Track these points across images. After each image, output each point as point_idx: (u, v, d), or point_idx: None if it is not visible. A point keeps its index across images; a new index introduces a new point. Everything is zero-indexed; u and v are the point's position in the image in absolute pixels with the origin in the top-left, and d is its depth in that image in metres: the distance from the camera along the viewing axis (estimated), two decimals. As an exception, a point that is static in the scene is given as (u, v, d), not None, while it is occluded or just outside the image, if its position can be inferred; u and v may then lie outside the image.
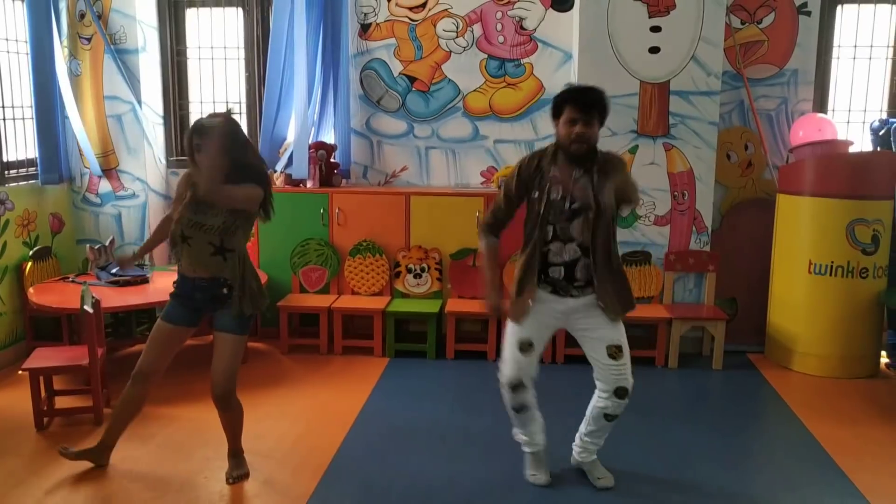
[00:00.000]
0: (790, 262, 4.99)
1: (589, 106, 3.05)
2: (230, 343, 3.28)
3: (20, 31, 5.15)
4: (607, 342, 3.22)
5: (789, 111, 5.29)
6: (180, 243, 3.25)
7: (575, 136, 3.04)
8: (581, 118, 3.04)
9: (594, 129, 3.07)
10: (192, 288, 3.29)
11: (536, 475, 3.45)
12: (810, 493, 3.41)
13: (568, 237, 3.14)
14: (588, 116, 3.04)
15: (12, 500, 3.27)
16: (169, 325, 3.36)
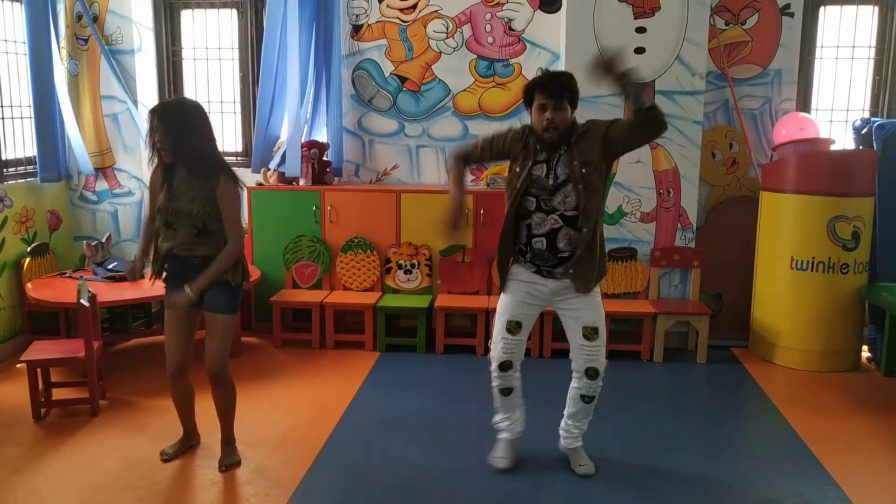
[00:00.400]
0: (773, 259, 5.09)
1: (558, 91, 3.12)
2: (220, 322, 3.39)
3: (18, 33, 5.25)
4: (584, 322, 3.32)
5: (773, 110, 5.40)
6: (164, 231, 3.36)
7: (546, 123, 3.12)
8: (550, 104, 3.11)
9: (565, 113, 3.14)
10: (184, 267, 3.38)
11: (503, 458, 3.56)
12: (784, 480, 3.51)
13: (550, 208, 3.22)
14: (557, 101, 3.11)
15: (10, 487, 3.37)
16: (174, 313, 3.46)
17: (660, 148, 5.19)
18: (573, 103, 3.19)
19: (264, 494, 3.33)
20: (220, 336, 3.40)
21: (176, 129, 3.22)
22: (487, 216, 5.29)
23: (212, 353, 3.41)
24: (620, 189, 5.26)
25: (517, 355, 3.42)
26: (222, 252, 3.33)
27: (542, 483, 3.46)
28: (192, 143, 3.26)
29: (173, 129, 3.21)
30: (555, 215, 3.22)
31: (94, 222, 5.74)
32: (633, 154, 5.20)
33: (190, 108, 3.31)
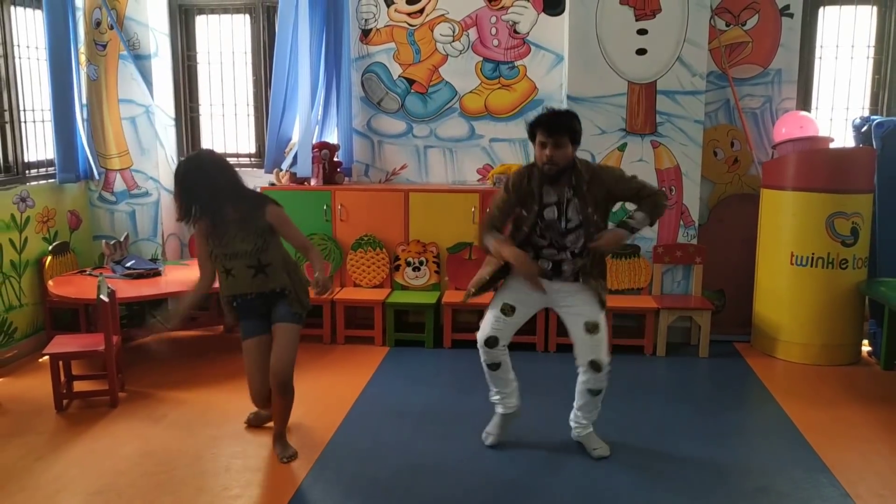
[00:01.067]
0: (774, 255, 5.19)
1: (556, 130, 3.29)
2: (287, 332, 3.56)
3: (39, 39, 5.44)
4: (586, 318, 3.50)
5: (773, 109, 5.50)
6: (224, 279, 3.55)
7: (546, 159, 3.32)
8: (550, 142, 3.29)
9: (565, 150, 3.31)
10: (251, 301, 3.59)
11: (490, 434, 3.78)
12: (779, 467, 3.62)
13: (562, 246, 3.48)
14: (557, 139, 3.29)
15: (34, 473, 3.53)
16: (252, 340, 3.64)
17: (662, 147, 5.30)
18: (574, 140, 3.35)
19: (276, 480, 3.48)
20: (287, 344, 3.55)
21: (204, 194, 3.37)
22: (493, 214, 5.42)
23: (281, 362, 3.54)
24: (623, 187, 5.37)
25: (505, 334, 3.60)
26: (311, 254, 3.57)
27: (544, 470, 3.59)
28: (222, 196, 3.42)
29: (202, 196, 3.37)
30: (567, 252, 3.48)
31: (112, 222, 5.92)
32: (636, 153, 5.33)
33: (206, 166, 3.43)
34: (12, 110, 5.19)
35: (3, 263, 5.01)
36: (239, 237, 3.47)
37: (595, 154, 5.33)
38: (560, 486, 3.44)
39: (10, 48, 5.15)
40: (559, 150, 3.30)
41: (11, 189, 5.11)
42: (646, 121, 5.28)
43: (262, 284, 3.54)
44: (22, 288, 5.20)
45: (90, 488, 3.40)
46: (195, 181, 3.37)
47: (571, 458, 3.71)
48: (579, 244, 3.44)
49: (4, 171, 5.19)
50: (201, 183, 3.37)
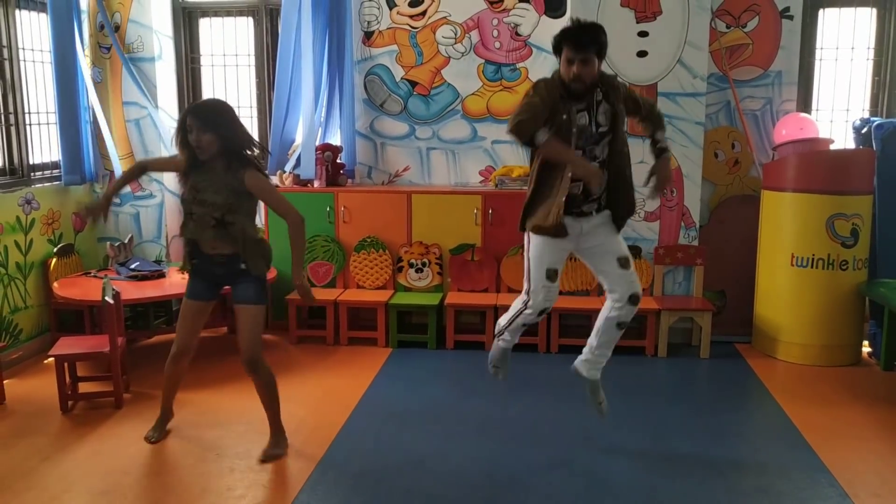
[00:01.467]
0: (774, 256, 5.21)
1: (585, 45, 3.23)
2: (249, 314, 3.58)
3: (44, 42, 5.48)
4: (617, 254, 3.55)
5: (774, 111, 5.52)
6: (186, 223, 3.57)
7: (573, 76, 3.25)
8: (577, 57, 3.22)
9: (591, 67, 3.25)
10: (211, 264, 3.59)
11: (500, 369, 3.92)
12: (778, 467, 3.65)
13: (592, 156, 3.42)
14: (585, 55, 3.22)
15: (41, 473, 3.57)
16: (191, 302, 3.71)
17: (663, 148, 5.32)
18: (601, 55, 3.30)
19: (280, 480, 3.52)
20: (250, 326, 3.59)
21: (212, 126, 3.38)
22: (496, 216, 5.45)
23: (245, 342, 3.59)
24: (625, 189, 5.40)
25: (553, 300, 3.65)
26: (291, 233, 3.53)
27: (546, 469, 3.62)
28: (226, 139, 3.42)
29: (209, 127, 3.37)
30: (596, 162, 3.42)
31: (116, 224, 5.96)
32: (637, 154, 5.31)
33: (221, 108, 3.49)
34: (17, 113, 5.23)
35: (8, 265, 5.05)
36: (213, 188, 3.46)
37: (596, 156, 5.36)
38: (561, 485, 3.47)
39: (15, 51, 5.19)
40: (586, 68, 3.24)
41: (17, 191, 5.15)
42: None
43: (217, 239, 3.50)
44: (27, 290, 5.24)
45: (96, 488, 3.44)
46: (206, 115, 3.39)
47: (573, 457, 3.74)
48: (605, 153, 3.41)
49: (10, 174, 5.22)
50: (222, 120, 3.41)
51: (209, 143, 3.38)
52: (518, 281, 5.50)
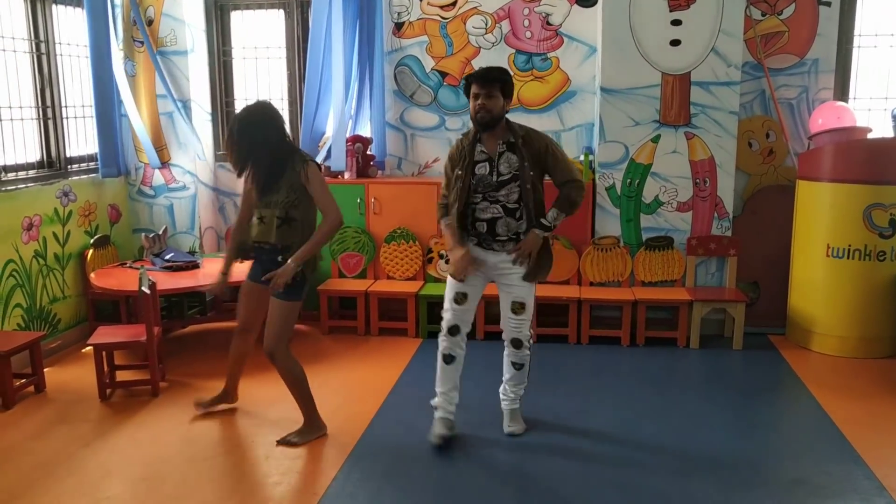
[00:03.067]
0: (809, 246, 5.15)
1: (488, 81, 3.57)
2: (276, 307, 3.69)
3: (80, 37, 5.56)
4: (513, 298, 3.76)
5: (810, 100, 5.44)
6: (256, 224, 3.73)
7: (478, 107, 3.57)
8: (483, 92, 3.56)
9: (496, 101, 3.57)
10: (259, 251, 3.77)
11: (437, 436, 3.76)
12: (813, 460, 3.62)
13: (495, 199, 3.66)
14: (488, 90, 3.55)
15: (82, 459, 3.65)
16: (248, 282, 3.89)
17: (696, 138, 5.28)
18: (504, 92, 3.60)
19: (314, 467, 3.56)
20: (275, 319, 3.69)
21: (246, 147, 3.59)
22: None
23: (267, 334, 3.70)
24: (657, 179, 5.36)
25: (464, 321, 3.82)
26: (321, 226, 3.64)
27: (579, 461, 3.62)
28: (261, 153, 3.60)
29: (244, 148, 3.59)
30: (498, 206, 3.66)
31: (150, 215, 6.04)
32: (669, 144, 5.32)
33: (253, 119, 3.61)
34: (55, 107, 5.32)
35: (47, 256, 5.14)
36: (275, 188, 3.63)
37: (629, 145, 5.33)
38: (595, 477, 3.47)
39: (53, 46, 5.27)
40: (491, 100, 3.56)
41: (55, 184, 5.24)
42: (680, 112, 5.26)
43: (285, 236, 3.65)
44: (65, 280, 5.33)
45: (135, 475, 3.50)
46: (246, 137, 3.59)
47: (607, 448, 3.74)
48: (513, 198, 3.64)
49: (48, 167, 5.31)
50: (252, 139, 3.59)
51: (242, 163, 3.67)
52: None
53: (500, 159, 3.64)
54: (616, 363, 4.98)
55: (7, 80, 4.94)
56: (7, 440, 3.87)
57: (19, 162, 5.07)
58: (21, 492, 3.35)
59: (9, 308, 4.80)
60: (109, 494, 3.33)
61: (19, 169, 5.05)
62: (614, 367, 4.92)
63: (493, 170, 3.64)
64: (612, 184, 5.40)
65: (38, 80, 5.21)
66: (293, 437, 3.80)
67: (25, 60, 5.13)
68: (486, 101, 3.57)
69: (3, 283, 4.74)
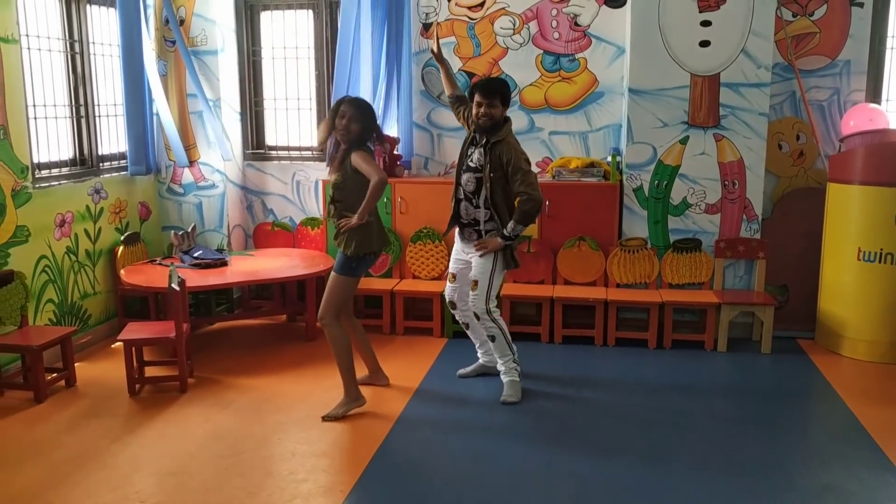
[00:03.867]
0: (840, 250, 5.09)
1: (491, 92, 4.16)
2: (330, 279, 4.14)
3: (113, 36, 5.63)
4: (472, 277, 4.36)
5: (841, 101, 5.37)
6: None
7: (481, 114, 4.16)
8: (485, 101, 4.15)
9: (496, 109, 4.18)
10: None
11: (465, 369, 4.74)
12: (844, 466, 3.57)
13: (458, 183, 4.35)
14: (490, 100, 4.14)
15: (111, 453, 3.70)
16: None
17: (725, 140, 5.24)
18: (504, 102, 4.21)
19: (341, 465, 3.58)
20: (328, 289, 4.13)
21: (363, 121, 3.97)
22: (552, 207, 5.43)
23: (322, 301, 4.13)
24: (685, 181, 5.33)
25: (458, 296, 4.53)
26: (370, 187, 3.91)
27: (601, 462, 3.61)
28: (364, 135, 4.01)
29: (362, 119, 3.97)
30: (460, 190, 4.34)
31: (180, 213, 6.10)
32: (698, 146, 5.28)
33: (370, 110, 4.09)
34: (88, 105, 5.39)
35: (78, 253, 5.22)
36: (334, 168, 4.07)
37: (657, 146, 5.30)
38: (619, 478, 3.45)
39: (86, 45, 5.35)
40: (492, 109, 4.16)
41: (86, 181, 5.32)
42: (709, 113, 5.23)
43: (335, 214, 4.07)
44: (96, 276, 5.41)
45: (164, 469, 3.54)
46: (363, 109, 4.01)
47: (629, 451, 3.72)
48: (470, 187, 4.26)
49: (80, 164, 5.39)
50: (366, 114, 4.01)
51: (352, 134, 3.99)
52: (575, 272, 5.48)
53: (475, 150, 4.27)
54: (642, 365, 4.95)
55: (42, 78, 5.02)
56: (39, 434, 3.93)
57: (53, 159, 5.14)
58: (53, 484, 3.40)
59: (41, 303, 4.88)
60: (139, 488, 3.37)
61: (53, 166, 5.13)
62: (640, 369, 4.89)
63: (468, 157, 4.31)
64: (639, 185, 5.38)
65: (71, 79, 5.29)
66: (335, 411, 4.07)
67: (60, 60, 5.21)
68: (489, 110, 4.16)
69: (36, 279, 4.82)
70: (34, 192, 4.80)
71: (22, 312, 4.57)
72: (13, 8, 4.58)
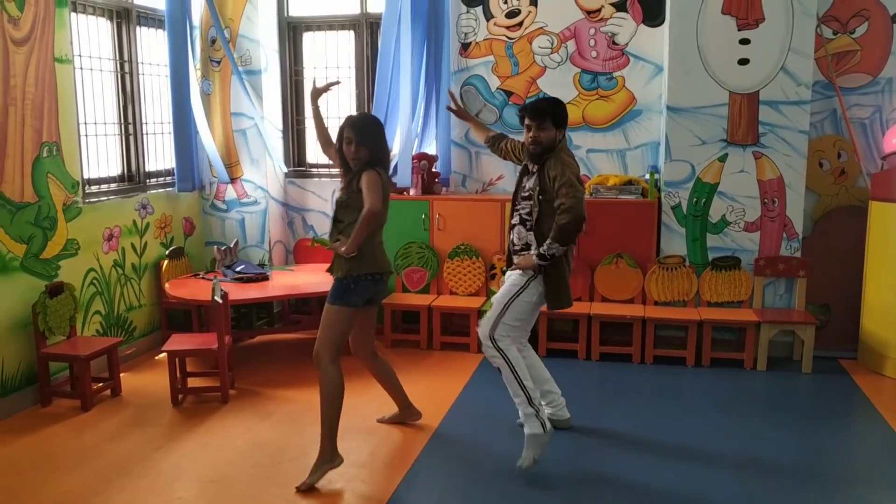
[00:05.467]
0: (883, 269, 5.02)
1: (538, 114, 3.73)
2: (324, 312, 3.72)
3: (161, 56, 5.82)
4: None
5: (884, 119, 5.32)
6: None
7: (531, 140, 3.76)
8: (534, 125, 3.73)
9: (548, 132, 3.73)
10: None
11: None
12: (887, 483, 3.51)
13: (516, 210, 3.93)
14: (539, 122, 3.72)
15: (154, 461, 3.79)
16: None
17: (764, 157, 5.21)
18: (557, 124, 3.74)
19: (378, 476, 3.62)
20: (322, 324, 3.69)
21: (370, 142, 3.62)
22: (590, 225, 5.39)
23: (317, 338, 3.70)
24: (724, 198, 5.31)
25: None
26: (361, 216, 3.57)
27: (641, 474, 3.59)
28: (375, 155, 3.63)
29: (368, 142, 3.61)
30: (517, 215, 3.91)
31: (223, 229, 6.24)
32: (737, 163, 5.27)
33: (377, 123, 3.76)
34: (136, 123, 5.56)
35: (125, 266, 5.36)
36: (344, 184, 3.72)
37: (695, 164, 5.29)
38: (658, 492, 3.44)
39: (135, 65, 5.53)
40: (542, 132, 3.72)
41: (134, 196, 5.47)
42: (748, 131, 5.21)
43: (332, 234, 3.73)
44: (141, 289, 5.55)
45: (205, 477, 3.61)
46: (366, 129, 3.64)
47: (668, 465, 3.70)
48: (525, 212, 3.85)
49: (128, 180, 5.55)
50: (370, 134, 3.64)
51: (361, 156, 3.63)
52: (613, 290, 5.47)
53: (528, 181, 3.86)
54: (680, 383, 4.92)
55: (94, 97, 5.20)
56: (86, 441, 4.04)
57: (102, 175, 5.31)
58: (99, 489, 3.49)
59: (89, 314, 5.02)
60: (181, 495, 3.45)
61: (102, 182, 5.29)
62: (678, 387, 4.86)
63: (522, 185, 3.90)
64: (677, 202, 5.37)
65: (121, 98, 5.47)
66: (310, 479, 3.51)
67: (110, 79, 5.39)
68: (538, 134, 3.73)
69: (84, 291, 4.96)
70: (84, 206, 4.95)
71: (71, 323, 4.71)
72: (67, 29, 4.76)
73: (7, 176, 4.33)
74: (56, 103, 4.67)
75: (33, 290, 4.50)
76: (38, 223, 4.56)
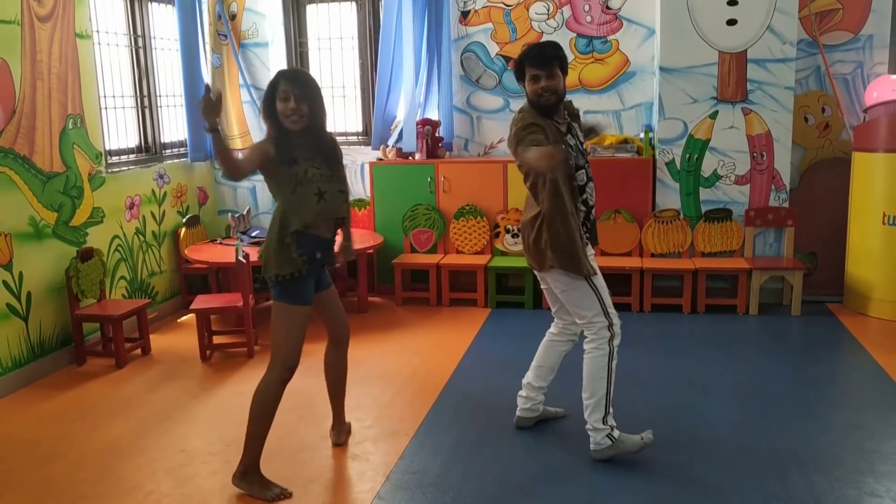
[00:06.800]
0: (866, 216, 5.32)
1: (546, 61, 3.22)
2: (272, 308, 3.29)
3: (172, 31, 6.02)
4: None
5: (865, 74, 5.59)
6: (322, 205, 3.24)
7: (542, 90, 3.21)
8: (543, 73, 3.20)
9: (557, 80, 3.23)
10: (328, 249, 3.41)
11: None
12: (871, 409, 3.83)
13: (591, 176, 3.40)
14: (549, 70, 3.21)
15: (193, 408, 4.07)
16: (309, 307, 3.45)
17: (752, 114, 5.48)
18: (563, 70, 3.28)
19: (402, 413, 3.91)
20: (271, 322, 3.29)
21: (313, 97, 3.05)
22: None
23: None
24: (715, 153, 5.58)
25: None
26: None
27: (643, 415, 3.90)
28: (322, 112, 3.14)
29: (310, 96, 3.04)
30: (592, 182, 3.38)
31: (235, 197, 6.48)
32: (727, 120, 5.53)
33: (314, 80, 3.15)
34: (151, 96, 5.78)
35: (146, 233, 5.60)
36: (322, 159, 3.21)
37: (687, 122, 5.56)
38: (662, 423, 3.73)
39: (149, 40, 5.73)
40: (554, 80, 3.22)
41: (151, 167, 5.70)
42: (737, 89, 5.48)
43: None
44: (161, 256, 5.79)
45: (242, 420, 3.80)
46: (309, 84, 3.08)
47: (668, 396, 4.00)
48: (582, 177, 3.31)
49: (145, 151, 5.78)
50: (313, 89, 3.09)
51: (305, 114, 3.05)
52: (611, 243, 5.75)
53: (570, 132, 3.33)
54: (678, 328, 5.23)
55: (112, 71, 5.41)
56: (125, 394, 4.31)
57: (121, 147, 5.53)
58: (144, 434, 3.77)
59: (115, 279, 5.27)
60: (222, 435, 3.73)
61: (122, 153, 5.52)
62: (676, 332, 5.16)
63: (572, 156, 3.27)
64: (671, 159, 5.64)
65: (136, 72, 5.68)
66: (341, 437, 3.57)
67: (125, 54, 5.59)
68: (550, 82, 3.21)
69: (110, 257, 5.20)
70: (107, 176, 5.18)
71: (101, 287, 4.96)
72: (86, 5, 4.96)
73: (38, 147, 4.55)
74: (79, 77, 4.89)
75: (65, 256, 4.74)
76: (67, 192, 4.80)
